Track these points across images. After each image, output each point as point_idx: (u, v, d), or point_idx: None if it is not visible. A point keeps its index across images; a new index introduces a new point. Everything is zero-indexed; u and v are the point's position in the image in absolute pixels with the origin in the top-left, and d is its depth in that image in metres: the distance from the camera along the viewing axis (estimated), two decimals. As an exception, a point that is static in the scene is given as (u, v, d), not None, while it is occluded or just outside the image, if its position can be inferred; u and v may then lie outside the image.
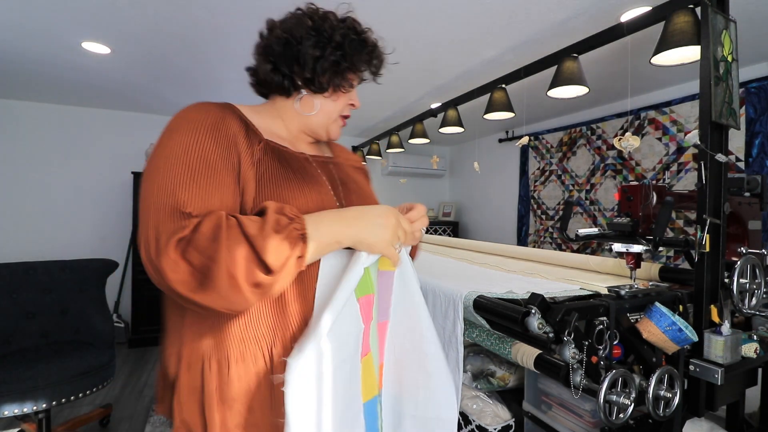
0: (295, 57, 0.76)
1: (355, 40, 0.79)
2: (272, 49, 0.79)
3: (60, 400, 1.80)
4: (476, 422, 1.54)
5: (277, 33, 0.79)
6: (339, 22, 0.79)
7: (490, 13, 1.85)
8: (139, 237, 0.58)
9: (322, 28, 0.77)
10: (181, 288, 0.53)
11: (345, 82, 0.81)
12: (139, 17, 1.94)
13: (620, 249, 1.36)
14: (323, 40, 0.76)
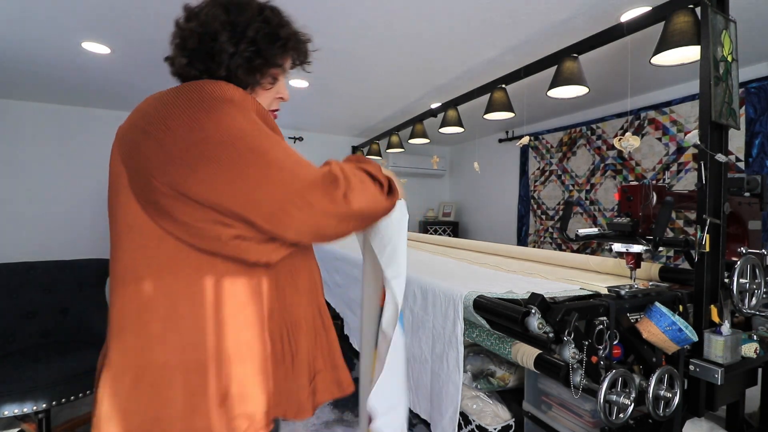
0: (209, 53, 0.75)
1: (268, 35, 0.77)
2: (186, 43, 0.77)
3: (60, 400, 1.80)
4: (476, 422, 1.54)
5: (192, 26, 0.76)
6: (256, 14, 0.76)
7: (490, 13, 1.85)
8: (277, 205, 0.63)
9: (237, 21, 0.74)
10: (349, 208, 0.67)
11: (265, 78, 0.80)
12: (139, 17, 1.94)
13: (620, 249, 1.36)
14: (237, 35, 0.74)
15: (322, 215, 0.65)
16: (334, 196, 0.65)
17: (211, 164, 0.62)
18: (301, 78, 2.79)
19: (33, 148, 3.51)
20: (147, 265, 0.66)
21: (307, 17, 1.92)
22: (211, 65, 0.75)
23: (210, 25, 0.74)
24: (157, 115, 0.66)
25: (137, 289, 0.66)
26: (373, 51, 2.31)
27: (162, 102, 0.67)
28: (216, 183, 0.62)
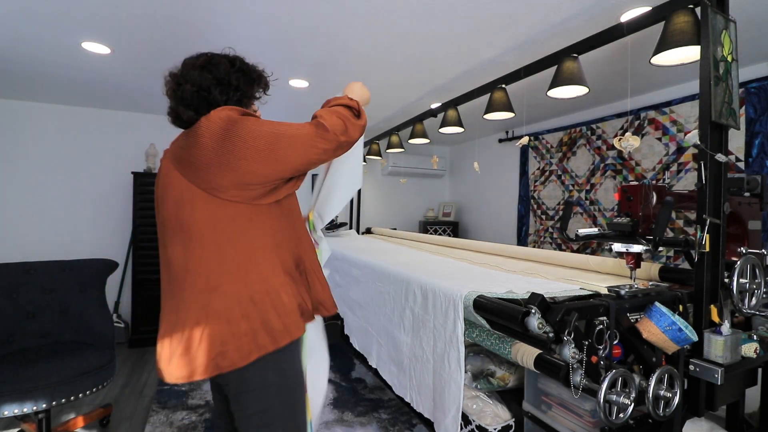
0: (208, 102, 1.06)
1: (247, 79, 1.16)
2: (189, 99, 1.07)
3: (60, 400, 1.80)
4: (476, 422, 1.54)
5: (187, 88, 1.07)
6: (230, 66, 1.13)
7: (490, 13, 1.85)
8: (301, 155, 1.02)
9: (221, 77, 1.09)
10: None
11: (249, 108, 1.17)
12: (139, 17, 1.94)
13: (620, 249, 1.36)
14: (225, 87, 1.09)
15: (323, 152, 1.05)
16: (328, 137, 1.05)
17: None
18: (301, 78, 2.79)
19: (33, 148, 3.51)
20: (224, 228, 1.00)
21: (308, 17, 1.92)
22: (211, 109, 1.04)
23: (203, 84, 1.06)
24: (196, 148, 1.02)
25: (230, 247, 1.00)
26: (373, 51, 2.31)
27: (192, 141, 1.04)
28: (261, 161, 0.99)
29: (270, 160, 0.97)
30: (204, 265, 0.99)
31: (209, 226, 0.99)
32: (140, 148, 3.83)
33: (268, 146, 0.97)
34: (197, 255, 1.00)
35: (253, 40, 2.19)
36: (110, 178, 3.75)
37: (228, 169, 0.96)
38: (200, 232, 0.99)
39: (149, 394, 2.67)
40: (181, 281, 1.01)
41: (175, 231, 1.02)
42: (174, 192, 1.02)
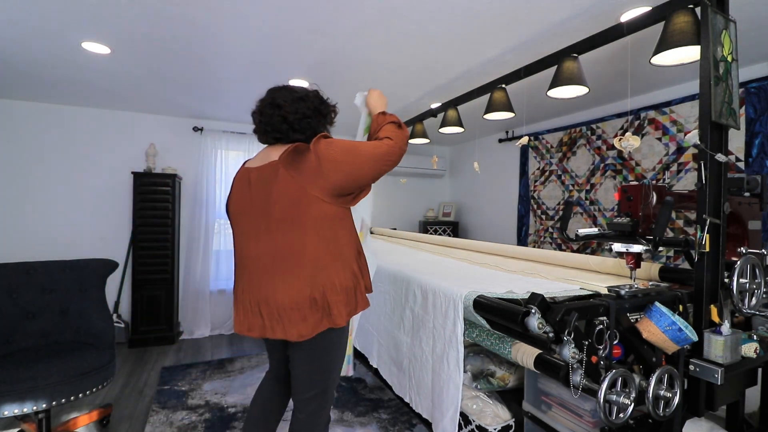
0: (312, 129, 1.40)
1: (332, 115, 1.50)
2: (294, 124, 1.38)
3: (60, 400, 1.80)
4: (476, 422, 1.54)
5: (294, 116, 1.38)
6: (318, 100, 1.45)
7: (490, 13, 1.85)
8: (373, 170, 1.32)
9: (316, 107, 1.42)
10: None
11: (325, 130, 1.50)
12: (139, 17, 1.94)
13: (620, 249, 1.36)
14: (319, 117, 1.43)
15: (392, 165, 1.36)
16: (393, 155, 1.34)
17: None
18: (301, 78, 2.79)
19: (33, 148, 3.51)
20: (326, 224, 1.30)
21: (308, 17, 1.92)
22: (311, 133, 1.39)
23: (305, 115, 1.39)
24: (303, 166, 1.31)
25: (324, 237, 1.29)
26: (373, 51, 2.31)
27: (306, 154, 1.32)
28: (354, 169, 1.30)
29: (355, 173, 1.30)
30: (312, 252, 1.28)
31: (315, 222, 1.30)
32: (140, 148, 3.83)
33: (354, 160, 1.29)
34: (303, 242, 1.29)
35: (253, 40, 2.19)
36: (110, 178, 3.75)
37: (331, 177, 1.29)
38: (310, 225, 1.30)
39: (149, 394, 2.67)
40: (290, 263, 1.28)
41: (284, 222, 1.30)
42: (286, 194, 1.30)
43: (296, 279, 1.27)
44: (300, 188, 1.26)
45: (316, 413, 1.37)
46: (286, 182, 1.27)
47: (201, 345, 3.70)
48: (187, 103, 3.48)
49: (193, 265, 3.94)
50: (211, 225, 4.02)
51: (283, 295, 1.26)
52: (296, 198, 1.26)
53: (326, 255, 1.29)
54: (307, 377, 1.36)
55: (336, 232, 1.31)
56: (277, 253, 1.29)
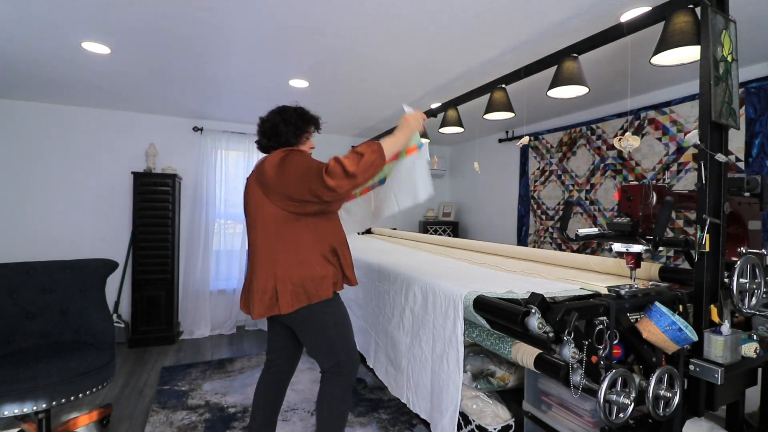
0: (277, 134, 1.64)
1: (303, 121, 1.67)
2: (266, 132, 1.66)
3: (60, 400, 1.80)
4: (476, 422, 1.54)
5: (267, 124, 1.66)
6: (294, 113, 1.67)
7: (490, 13, 1.85)
8: (316, 188, 1.39)
9: (287, 119, 1.65)
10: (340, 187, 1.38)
11: (302, 142, 1.70)
12: (139, 17, 1.94)
13: (620, 249, 1.36)
14: (288, 125, 1.64)
15: (321, 185, 1.37)
16: (334, 173, 1.36)
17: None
18: (301, 78, 2.79)
19: (33, 148, 3.51)
20: (279, 224, 1.53)
21: (308, 17, 1.92)
22: (278, 140, 1.64)
23: (275, 123, 1.64)
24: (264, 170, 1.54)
25: (278, 235, 1.53)
26: (373, 51, 2.31)
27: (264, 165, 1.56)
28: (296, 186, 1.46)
29: (283, 184, 1.48)
30: (269, 245, 1.53)
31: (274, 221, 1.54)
32: (140, 148, 3.83)
33: (283, 173, 1.47)
34: (265, 238, 1.55)
35: (253, 40, 2.19)
36: (110, 178, 3.75)
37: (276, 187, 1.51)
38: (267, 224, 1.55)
39: (149, 394, 2.67)
40: (257, 254, 1.57)
41: (256, 226, 1.58)
42: (254, 197, 1.59)
43: (261, 267, 1.55)
44: (260, 193, 1.55)
45: (333, 379, 1.62)
46: (254, 187, 1.58)
47: (201, 345, 3.70)
48: (187, 103, 3.48)
49: (193, 265, 3.94)
50: (211, 225, 4.02)
51: (251, 285, 1.58)
52: (258, 201, 1.55)
53: (279, 250, 1.52)
54: (316, 355, 1.63)
55: (289, 230, 1.52)
56: (252, 249, 1.61)
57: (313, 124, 1.71)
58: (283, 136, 1.62)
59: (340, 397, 1.62)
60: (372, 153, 1.40)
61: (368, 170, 1.39)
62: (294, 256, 1.51)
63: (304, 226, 1.53)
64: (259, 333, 4.09)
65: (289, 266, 1.50)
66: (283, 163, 1.47)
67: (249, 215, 1.64)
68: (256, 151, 4.23)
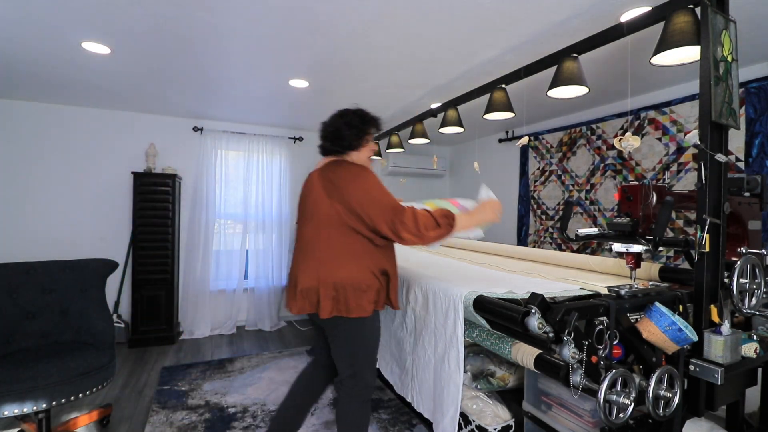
0: (341, 137, 1.64)
1: (366, 124, 1.69)
2: (328, 136, 1.67)
3: (60, 400, 1.80)
4: (476, 422, 1.54)
5: (330, 128, 1.67)
6: (355, 115, 1.67)
7: (490, 13, 1.85)
8: (378, 222, 1.45)
9: (349, 122, 1.65)
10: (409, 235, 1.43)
11: (364, 145, 1.71)
12: (139, 17, 1.94)
13: (620, 249, 1.36)
14: (351, 128, 1.64)
15: (401, 227, 1.43)
16: (408, 227, 1.43)
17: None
18: (301, 78, 2.79)
19: (33, 148, 3.51)
20: (334, 227, 1.53)
21: (308, 17, 1.92)
22: (341, 143, 1.64)
23: (337, 127, 1.64)
24: (333, 175, 1.57)
25: (330, 237, 1.53)
26: (373, 51, 2.31)
27: (334, 167, 1.60)
28: (360, 204, 1.48)
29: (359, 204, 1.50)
30: (318, 245, 1.53)
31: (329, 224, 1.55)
32: (140, 148, 3.83)
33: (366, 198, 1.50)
34: (316, 237, 1.55)
35: (253, 40, 2.19)
36: (110, 178, 3.75)
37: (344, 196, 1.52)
38: (321, 223, 1.55)
39: (149, 394, 2.67)
40: (305, 250, 1.58)
41: (310, 219, 1.58)
42: (313, 193, 1.59)
43: (306, 265, 1.55)
44: (322, 192, 1.55)
45: (349, 391, 1.59)
46: (317, 185, 1.58)
47: (201, 345, 3.70)
48: (187, 103, 3.48)
49: (193, 265, 3.94)
50: (211, 225, 4.02)
51: (297, 278, 1.58)
52: (317, 198, 1.56)
53: (327, 252, 1.52)
54: (337, 360, 1.62)
55: (346, 238, 1.52)
56: (302, 244, 1.62)
57: (374, 126, 1.72)
58: (346, 139, 1.62)
59: (360, 410, 1.60)
60: (446, 227, 1.46)
61: (436, 238, 1.45)
62: (341, 262, 1.50)
63: (361, 238, 1.53)
64: (259, 333, 4.10)
65: (334, 270, 1.49)
66: (358, 180, 1.50)
67: (304, 210, 1.64)
68: (256, 151, 4.24)
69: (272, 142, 4.32)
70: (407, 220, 1.41)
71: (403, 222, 1.40)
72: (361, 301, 1.49)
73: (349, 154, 1.65)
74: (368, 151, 1.71)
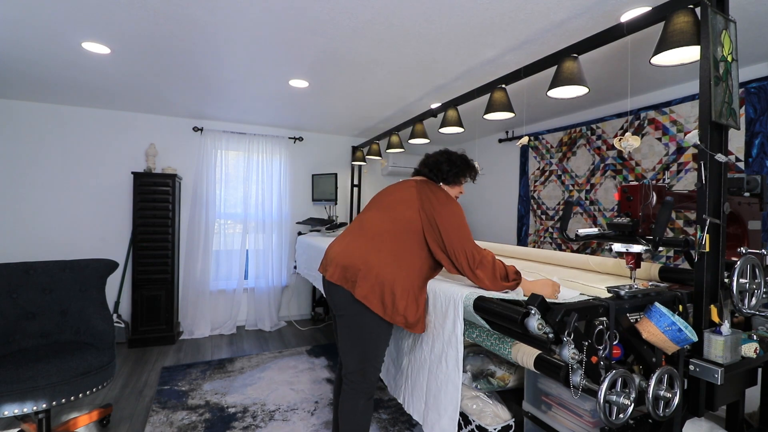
0: (439, 170, 1.74)
1: (465, 166, 1.77)
2: (429, 164, 1.78)
3: (60, 400, 1.80)
4: (476, 422, 1.54)
5: (432, 159, 1.79)
6: (459, 157, 1.78)
7: (489, 13, 1.85)
8: (458, 250, 1.49)
9: (451, 160, 1.76)
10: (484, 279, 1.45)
11: (458, 183, 1.78)
12: (139, 17, 1.94)
13: (620, 249, 1.36)
14: (451, 165, 1.74)
15: (458, 264, 1.50)
16: (483, 262, 1.46)
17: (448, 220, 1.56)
18: (301, 78, 2.79)
19: (33, 148, 3.51)
20: (408, 231, 1.59)
21: (308, 17, 1.92)
22: (438, 174, 1.74)
23: (438, 160, 1.76)
24: (431, 192, 1.65)
25: (398, 237, 1.59)
26: (373, 51, 2.31)
27: (434, 186, 1.70)
28: (444, 227, 1.54)
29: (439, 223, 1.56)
30: (382, 238, 1.59)
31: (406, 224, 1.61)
32: (140, 148, 3.83)
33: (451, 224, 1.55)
34: (383, 229, 1.61)
35: (253, 40, 2.19)
36: (110, 178, 3.75)
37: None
38: (397, 221, 1.62)
39: (149, 394, 2.67)
40: (365, 233, 1.64)
41: (387, 210, 1.67)
42: (403, 194, 1.68)
43: (360, 247, 1.61)
44: (415, 200, 1.62)
45: (355, 388, 1.61)
46: (411, 191, 1.66)
47: (201, 345, 3.70)
48: (187, 103, 3.48)
49: (193, 265, 3.94)
50: (211, 225, 4.02)
51: (349, 251, 1.63)
52: (406, 200, 1.64)
53: (387, 247, 1.57)
54: (347, 353, 1.63)
55: (413, 246, 1.58)
56: (364, 225, 1.69)
57: (472, 172, 1.81)
58: (444, 173, 1.73)
59: (364, 408, 1.62)
60: (513, 283, 1.47)
61: (502, 288, 1.46)
62: (396, 262, 1.54)
63: (426, 255, 1.58)
64: (259, 333, 4.10)
65: (385, 266, 1.53)
66: (450, 206, 1.58)
67: (386, 202, 1.70)
68: (256, 152, 4.25)
69: (272, 142, 4.32)
70: (487, 263, 1.45)
71: (482, 263, 1.45)
72: (395, 307, 1.51)
73: (441, 186, 1.74)
74: (457, 191, 1.79)
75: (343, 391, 1.64)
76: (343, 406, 1.62)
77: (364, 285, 1.51)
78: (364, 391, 1.61)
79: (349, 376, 1.62)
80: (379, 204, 1.73)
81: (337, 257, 1.63)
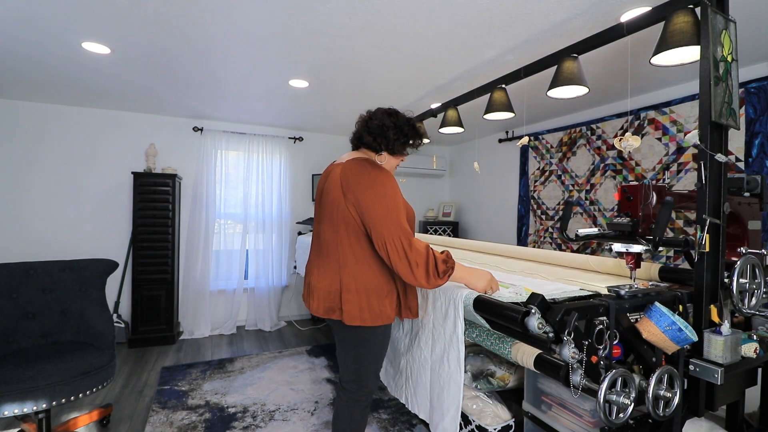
0: (385, 137, 1.54)
1: (413, 134, 1.60)
2: (372, 130, 1.54)
3: (60, 400, 1.80)
4: (476, 422, 1.54)
5: (375, 122, 1.54)
6: (405, 121, 1.58)
7: (490, 13, 1.85)
8: (386, 239, 1.35)
9: (398, 125, 1.55)
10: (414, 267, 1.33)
11: (403, 152, 1.62)
12: (139, 17, 1.94)
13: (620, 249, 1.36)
14: (399, 133, 1.55)
15: (393, 249, 1.35)
16: (407, 246, 1.34)
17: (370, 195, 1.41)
18: (301, 78, 2.79)
19: (33, 148, 3.51)
20: (352, 231, 1.45)
21: (308, 17, 1.92)
22: (383, 142, 1.54)
23: (385, 125, 1.54)
24: (353, 177, 1.45)
25: (349, 240, 1.46)
26: (373, 51, 2.31)
27: (357, 166, 1.47)
28: (370, 215, 1.39)
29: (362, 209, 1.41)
30: (337, 248, 1.47)
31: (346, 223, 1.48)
32: (140, 148, 3.83)
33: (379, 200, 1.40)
34: (335, 239, 1.48)
35: (252, 40, 2.19)
36: (110, 178, 3.75)
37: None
38: (338, 225, 1.48)
39: (149, 394, 2.67)
40: (323, 250, 1.53)
41: (329, 218, 1.50)
42: (332, 193, 1.49)
43: (326, 267, 1.51)
44: (339, 191, 1.46)
45: (352, 396, 1.57)
46: (336, 183, 1.49)
47: (201, 345, 3.70)
48: (187, 103, 3.48)
49: (193, 265, 3.94)
50: (211, 225, 4.02)
51: (316, 279, 1.54)
52: (335, 199, 1.47)
53: (347, 255, 1.46)
54: (342, 362, 1.59)
55: (366, 243, 1.46)
56: (320, 243, 1.56)
57: (419, 140, 1.63)
58: (390, 142, 1.53)
59: (360, 414, 1.58)
60: (444, 278, 1.35)
61: (433, 286, 1.36)
62: (361, 267, 1.44)
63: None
64: (259, 333, 4.10)
65: (356, 275, 1.44)
66: (375, 186, 1.39)
67: (322, 208, 1.55)
68: (256, 152, 4.25)
69: (272, 142, 4.32)
70: (419, 255, 1.32)
71: (415, 256, 1.32)
72: (383, 307, 1.45)
73: (382, 155, 1.56)
74: (398, 160, 1.64)
75: (340, 398, 1.60)
76: (339, 413, 1.59)
77: (350, 307, 1.43)
78: (360, 400, 1.57)
79: (345, 384, 1.59)
80: (320, 212, 1.57)
81: (316, 288, 1.52)
